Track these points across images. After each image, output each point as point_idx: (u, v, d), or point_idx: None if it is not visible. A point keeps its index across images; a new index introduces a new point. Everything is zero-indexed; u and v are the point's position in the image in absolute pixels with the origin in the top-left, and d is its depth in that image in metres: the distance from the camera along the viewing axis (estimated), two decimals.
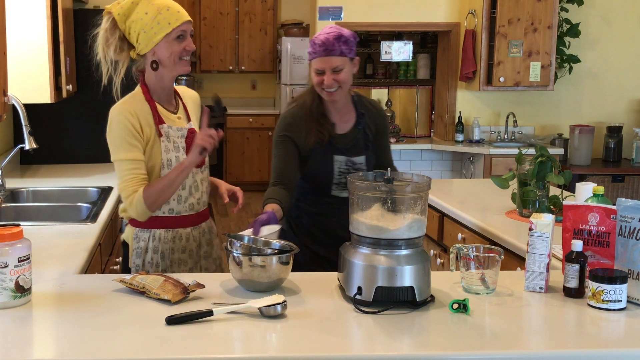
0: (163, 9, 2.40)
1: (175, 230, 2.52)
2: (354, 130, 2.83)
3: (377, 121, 2.90)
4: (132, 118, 2.40)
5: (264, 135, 9.05)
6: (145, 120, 2.43)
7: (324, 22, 5.97)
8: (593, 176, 5.70)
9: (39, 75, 4.00)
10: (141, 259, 2.51)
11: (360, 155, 2.80)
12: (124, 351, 1.74)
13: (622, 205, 2.12)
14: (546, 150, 3.19)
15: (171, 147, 2.46)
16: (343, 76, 2.69)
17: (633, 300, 2.08)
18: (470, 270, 2.17)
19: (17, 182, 4.05)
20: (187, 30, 2.44)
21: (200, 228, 2.59)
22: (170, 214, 2.50)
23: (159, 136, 2.44)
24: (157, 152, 2.44)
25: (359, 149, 2.81)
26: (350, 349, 1.82)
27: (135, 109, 2.43)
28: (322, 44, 2.65)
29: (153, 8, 2.40)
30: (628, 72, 6.33)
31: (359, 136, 2.82)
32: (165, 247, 2.51)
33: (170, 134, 2.47)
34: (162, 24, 2.39)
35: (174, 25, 2.40)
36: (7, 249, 1.95)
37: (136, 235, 2.51)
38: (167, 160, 2.45)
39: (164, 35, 2.40)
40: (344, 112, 2.83)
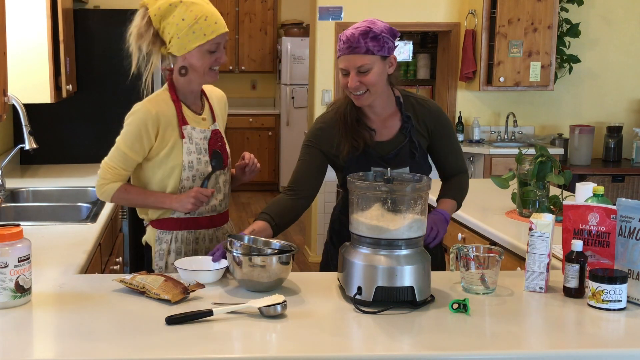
0: (201, 18, 2.34)
1: (198, 231, 2.52)
2: (398, 136, 2.50)
3: (431, 123, 2.54)
4: (151, 121, 2.38)
5: (264, 135, 9.05)
6: (167, 122, 2.41)
7: (324, 22, 5.98)
8: (593, 176, 5.70)
9: (39, 75, 4.00)
10: (164, 261, 2.51)
11: (403, 167, 2.45)
12: (124, 351, 1.74)
13: (622, 205, 2.12)
14: (546, 150, 3.20)
15: (193, 149, 2.44)
16: (371, 77, 2.36)
17: (633, 300, 2.08)
18: (470, 270, 2.17)
19: (17, 182, 4.05)
20: (221, 43, 2.40)
21: (223, 229, 2.59)
22: (192, 215, 2.49)
23: (182, 137, 2.42)
24: (178, 154, 2.42)
25: (403, 159, 2.47)
26: (350, 349, 1.82)
27: (159, 110, 2.40)
28: (347, 41, 2.36)
29: (191, 15, 2.33)
30: (628, 72, 6.33)
31: (404, 143, 2.49)
32: (188, 249, 2.51)
33: (193, 136, 2.45)
34: (197, 33, 2.34)
35: (209, 37, 2.36)
36: (7, 249, 1.95)
37: (158, 237, 2.51)
38: (188, 162, 2.43)
39: (197, 45, 2.35)
40: (386, 117, 2.51)
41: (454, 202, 2.59)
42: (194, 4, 2.35)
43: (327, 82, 6.07)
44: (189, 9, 2.34)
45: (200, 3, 2.37)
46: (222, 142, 2.56)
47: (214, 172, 2.48)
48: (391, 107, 2.52)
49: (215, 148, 2.51)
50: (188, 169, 2.44)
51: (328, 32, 6.00)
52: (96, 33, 4.84)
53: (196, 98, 2.52)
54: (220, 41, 2.39)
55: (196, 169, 2.45)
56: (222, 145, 2.55)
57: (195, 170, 2.46)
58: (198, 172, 2.46)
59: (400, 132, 2.50)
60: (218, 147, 2.53)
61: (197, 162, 2.45)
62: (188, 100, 2.49)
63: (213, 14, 2.37)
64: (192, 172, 2.45)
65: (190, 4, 2.34)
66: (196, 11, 2.34)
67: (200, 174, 2.46)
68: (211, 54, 2.39)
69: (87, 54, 4.82)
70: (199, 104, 2.53)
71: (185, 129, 2.43)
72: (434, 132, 2.55)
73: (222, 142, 2.55)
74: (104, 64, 4.84)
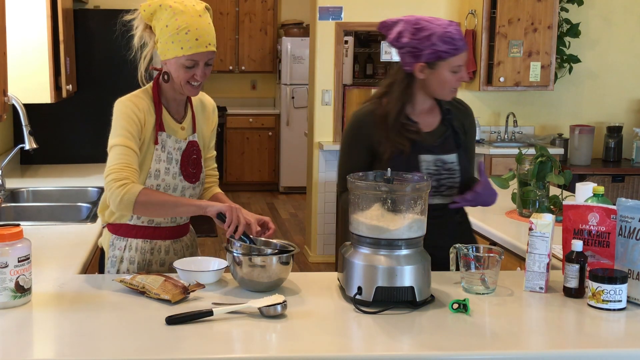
0: (182, 30, 2.22)
1: (154, 241, 2.40)
2: (439, 128, 2.50)
3: (466, 121, 2.58)
4: (137, 111, 2.29)
5: (264, 135, 9.05)
6: (148, 121, 2.32)
7: (324, 22, 5.97)
8: (593, 176, 5.69)
9: (39, 75, 4.00)
10: (116, 268, 2.40)
11: (451, 154, 2.47)
12: (124, 351, 1.74)
13: (622, 205, 2.12)
14: (546, 150, 3.19)
15: (164, 157, 2.33)
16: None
17: (633, 300, 2.08)
18: (470, 270, 2.17)
19: (17, 182, 4.05)
20: (200, 60, 2.25)
21: (182, 242, 2.48)
22: (150, 224, 2.38)
23: (155, 143, 2.32)
24: (148, 159, 2.32)
25: (450, 147, 2.48)
26: (350, 349, 1.82)
27: (142, 106, 2.31)
28: (462, 38, 2.39)
29: (174, 24, 2.23)
30: (628, 72, 6.33)
31: (447, 133, 2.49)
32: (142, 258, 2.39)
33: (167, 144, 2.34)
34: (175, 44, 2.23)
35: (185, 52, 2.23)
36: (7, 249, 1.95)
37: (112, 243, 2.41)
38: (155, 169, 2.32)
39: (174, 56, 2.25)
40: (426, 109, 2.51)
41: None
42: (183, 13, 2.23)
43: (327, 82, 6.06)
44: (175, 17, 2.23)
45: (189, 13, 2.24)
46: (197, 154, 2.43)
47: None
48: (431, 101, 2.51)
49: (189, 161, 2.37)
50: (154, 177, 2.32)
51: (328, 32, 5.99)
52: (96, 33, 4.84)
53: (179, 105, 2.40)
54: (199, 59, 2.25)
55: (162, 178, 2.33)
56: (197, 158, 2.42)
57: (162, 180, 2.33)
58: (164, 183, 2.34)
59: (442, 124, 2.51)
60: (192, 160, 2.39)
61: (165, 172, 2.34)
62: (170, 106, 2.38)
63: (198, 29, 2.23)
64: (158, 182, 2.33)
65: (179, 12, 2.23)
66: (181, 21, 2.22)
67: (166, 185, 2.34)
68: (187, 69, 2.26)
69: (87, 54, 4.82)
70: (181, 111, 2.41)
71: (160, 135, 2.33)
72: (466, 132, 2.57)
73: (197, 155, 2.42)
74: (104, 64, 4.84)
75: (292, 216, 7.90)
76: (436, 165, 2.44)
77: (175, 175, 2.37)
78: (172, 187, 2.36)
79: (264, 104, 9.56)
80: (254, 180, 9.04)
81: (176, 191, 2.37)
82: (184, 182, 2.39)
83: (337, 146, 5.93)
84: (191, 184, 2.41)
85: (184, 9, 2.24)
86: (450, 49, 2.36)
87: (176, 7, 2.24)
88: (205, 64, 2.28)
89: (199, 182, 2.44)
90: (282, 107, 8.92)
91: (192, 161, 2.41)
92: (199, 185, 2.45)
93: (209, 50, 2.26)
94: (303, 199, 7.93)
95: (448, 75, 2.40)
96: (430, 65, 2.39)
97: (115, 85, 4.83)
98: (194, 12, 2.25)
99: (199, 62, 2.26)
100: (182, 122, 2.41)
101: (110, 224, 2.43)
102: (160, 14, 2.26)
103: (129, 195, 2.17)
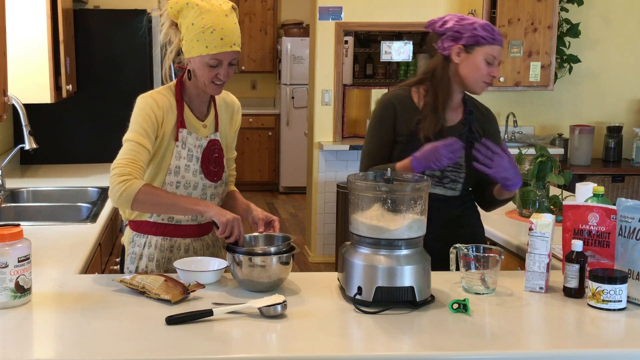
0: (208, 29, 2.23)
1: (174, 239, 2.41)
2: (458, 125, 2.58)
3: (485, 126, 2.65)
4: (156, 108, 2.30)
5: (264, 135, 9.05)
6: (168, 118, 2.33)
7: (324, 22, 5.97)
8: (593, 176, 5.69)
9: (39, 75, 4.00)
10: (134, 265, 2.42)
11: None
12: (124, 351, 1.74)
13: (622, 205, 2.12)
14: (546, 150, 3.20)
15: (184, 154, 2.35)
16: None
17: (633, 300, 2.08)
18: (470, 270, 2.17)
19: (17, 182, 4.05)
20: (224, 60, 2.26)
21: (203, 241, 2.48)
22: (170, 222, 2.39)
23: (175, 140, 2.34)
24: (168, 155, 2.34)
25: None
26: (350, 349, 1.82)
27: (163, 103, 2.33)
28: (498, 33, 2.50)
29: (200, 22, 2.24)
30: (628, 72, 6.33)
31: (464, 130, 2.57)
32: (161, 256, 2.40)
33: (187, 141, 2.36)
34: (200, 43, 2.24)
35: (210, 52, 2.24)
36: (7, 249, 1.95)
37: (132, 239, 2.43)
38: (175, 166, 2.34)
39: (199, 54, 2.26)
40: (453, 106, 2.59)
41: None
42: (209, 12, 2.24)
43: (327, 82, 6.06)
44: (201, 15, 2.24)
45: (216, 13, 2.25)
46: (219, 153, 2.45)
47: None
48: (459, 99, 2.61)
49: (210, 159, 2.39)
50: (174, 174, 2.34)
51: (328, 32, 5.99)
52: (96, 33, 4.84)
53: (202, 103, 2.41)
54: (223, 58, 2.26)
55: (182, 175, 2.35)
56: (218, 157, 2.44)
57: (182, 177, 2.35)
58: (184, 180, 2.36)
59: (461, 122, 2.59)
60: (214, 159, 2.40)
61: (185, 168, 2.35)
62: (193, 103, 2.40)
63: (223, 28, 2.24)
64: (178, 178, 2.35)
65: (205, 11, 2.25)
66: (207, 20, 2.23)
67: (186, 183, 2.36)
68: (211, 68, 2.27)
69: (87, 54, 4.82)
70: (204, 110, 2.43)
71: (181, 132, 2.35)
72: (486, 136, 2.59)
73: (218, 154, 2.44)
74: (104, 64, 4.83)
75: (292, 216, 7.90)
76: None
77: (196, 172, 2.38)
78: (192, 184, 2.38)
79: (264, 104, 9.56)
80: (254, 180, 9.04)
81: (197, 189, 2.39)
82: (205, 180, 2.39)
83: (337, 146, 5.96)
84: (213, 183, 2.41)
85: (210, 7, 2.25)
86: (488, 37, 2.48)
87: (203, 6, 2.25)
88: (229, 63, 2.29)
89: (221, 181, 2.44)
90: (282, 107, 8.93)
91: (214, 159, 2.42)
92: (221, 185, 2.45)
93: (233, 50, 2.27)
94: (303, 199, 7.93)
95: (482, 63, 2.48)
96: (467, 48, 2.50)
97: (115, 85, 4.83)
98: (220, 11, 2.26)
99: (222, 62, 2.27)
100: (204, 120, 2.42)
101: (131, 221, 2.45)
102: (186, 12, 2.27)
103: (128, 191, 2.18)
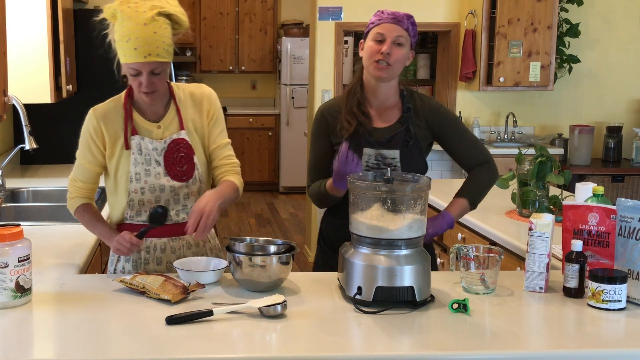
0: (124, 37, 2.19)
1: (149, 239, 2.38)
2: (395, 125, 2.52)
3: (431, 117, 2.55)
4: (93, 130, 2.35)
5: (264, 135, 9.05)
6: (113, 130, 2.33)
7: (324, 22, 5.97)
8: (593, 176, 5.69)
9: (39, 75, 4.00)
10: (113, 267, 2.43)
11: (393, 149, 2.49)
12: (124, 351, 1.74)
13: (622, 205, 2.12)
14: (546, 150, 3.20)
15: (141, 160, 2.32)
16: (401, 53, 2.44)
17: (633, 300, 2.08)
18: (470, 270, 2.17)
19: (17, 182, 4.05)
20: (142, 70, 2.20)
21: (182, 240, 2.42)
22: (140, 222, 2.36)
23: (126, 148, 2.32)
24: (125, 163, 2.32)
25: (395, 144, 2.50)
26: (350, 349, 1.82)
27: (106, 116, 2.35)
28: (392, 14, 2.46)
29: (120, 30, 2.20)
30: (628, 72, 6.33)
31: (399, 131, 2.51)
32: (137, 257, 2.39)
33: (142, 146, 2.32)
34: (121, 51, 2.23)
35: (127, 61, 2.21)
36: (7, 249, 1.95)
37: None
38: (135, 173, 2.32)
39: (122, 63, 2.24)
40: (387, 107, 2.55)
41: (464, 203, 2.57)
42: (129, 19, 2.18)
43: (327, 82, 6.06)
44: (122, 23, 2.19)
45: (135, 21, 2.18)
46: (185, 151, 2.36)
47: (149, 229, 2.28)
48: (394, 98, 2.56)
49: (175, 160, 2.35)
50: (135, 181, 2.33)
51: (328, 32, 5.99)
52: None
53: (156, 105, 2.35)
54: (140, 68, 2.19)
55: (144, 181, 2.33)
56: (185, 156, 2.36)
57: (144, 182, 2.33)
58: (148, 185, 2.33)
59: (398, 122, 2.53)
60: (179, 159, 2.35)
61: (146, 173, 2.32)
62: (143, 107, 2.36)
63: (138, 38, 2.16)
64: (141, 184, 2.33)
65: (126, 18, 2.19)
66: (125, 28, 2.18)
67: (151, 187, 2.33)
68: (133, 76, 2.23)
69: (87, 54, 4.82)
70: (159, 111, 2.37)
71: (133, 139, 2.32)
72: (437, 127, 2.56)
73: (185, 152, 2.36)
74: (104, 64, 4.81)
75: (292, 216, 7.90)
76: (376, 160, 2.49)
77: (159, 176, 2.34)
78: (158, 188, 2.35)
79: (264, 104, 9.56)
80: (254, 180, 9.04)
81: (164, 191, 2.35)
82: (173, 182, 2.35)
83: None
84: (182, 183, 2.36)
85: (132, 14, 2.18)
86: (376, 20, 2.50)
87: (126, 12, 2.19)
88: (152, 72, 2.21)
89: (192, 179, 2.37)
90: (282, 107, 8.92)
91: (179, 159, 2.35)
92: (195, 183, 2.38)
93: (148, 61, 2.18)
94: (303, 199, 7.93)
95: (371, 44, 2.46)
96: (364, 38, 2.53)
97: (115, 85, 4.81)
98: (140, 19, 2.17)
99: (142, 72, 2.21)
100: (159, 121, 2.36)
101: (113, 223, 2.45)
102: (117, 17, 2.22)
103: (70, 209, 2.44)
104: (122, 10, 2.19)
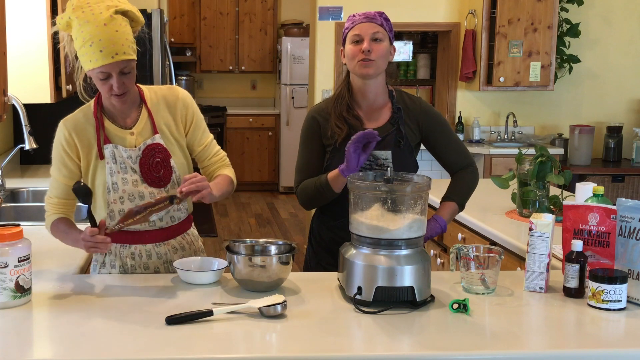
0: (87, 42, 2.11)
1: (133, 246, 2.35)
2: (386, 125, 2.53)
3: (421, 117, 2.57)
4: (69, 137, 2.29)
5: (264, 135, 9.05)
6: (85, 141, 2.28)
7: (324, 22, 5.98)
8: (593, 176, 5.70)
9: (39, 75, 4.00)
10: (97, 272, 2.40)
11: (386, 150, 2.49)
12: (124, 351, 1.74)
13: (622, 205, 2.12)
14: (546, 150, 3.19)
15: (117, 169, 2.27)
16: (382, 48, 2.44)
17: (633, 300, 2.08)
18: (470, 270, 2.17)
19: (17, 182, 4.05)
20: (111, 72, 2.14)
21: (168, 245, 2.38)
22: (128, 229, 2.26)
23: (100, 158, 2.27)
24: (101, 174, 2.28)
25: (387, 144, 2.50)
26: (350, 349, 1.82)
27: (77, 126, 2.30)
28: (364, 14, 2.49)
29: (80, 36, 2.12)
30: (628, 72, 6.33)
31: (390, 131, 2.52)
32: (124, 263, 2.36)
33: (116, 155, 2.27)
34: (84, 57, 2.14)
35: (94, 65, 2.12)
36: (7, 249, 1.95)
37: None
38: (112, 183, 2.27)
39: (88, 69, 2.16)
40: (377, 107, 2.55)
41: (454, 206, 2.61)
42: (88, 23, 2.11)
43: (327, 82, 6.07)
44: (81, 28, 2.12)
45: (94, 23, 2.11)
46: (161, 156, 2.30)
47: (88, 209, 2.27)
48: (384, 98, 2.56)
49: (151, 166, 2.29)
50: (113, 191, 2.28)
51: (328, 32, 5.99)
52: None
53: (127, 111, 2.30)
54: (109, 70, 2.13)
55: (122, 189, 2.28)
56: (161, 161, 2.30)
57: (122, 191, 2.28)
58: (126, 194, 2.28)
59: (389, 122, 2.54)
60: (155, 165, 2.29)
61: (123, 182, 2.28)
62: (114, 114, 2.31)
63: (101, 40, 2.10)
64: (119, 194, 2.28)
65: (84, 22, 2.11)
66: (86, 33, 2.11)
67: (130, 195, 2.28)
68: (102, 81, 2.16)
69: None
70: (132, 116, 2.31)
71: (106, 148, 2.26)
72: (426, 127, 2.58)
73: (161, 157, 2.30)
74: None
75: (292, 216, 7.90)
76: (369, 160, 2.49)
77: (137, 183, 2.29)
78: (137, 195, 2.30)
79: (264, 104, 9.56)
80: (254, 180, 9.05)
81: (144, 198, 2.29)
82: (151, 188, 2.30)
83: None
84: (160, 188, 2.31)
85: (89, 18, 2.12)
86: (349, 24, 2.51)
87: (82, 17, 2.12)
88: (121, 72, 2.16)
89: (171, 183, 2.32)
90: (282, 107, 8.93)
91: (155, 165, 2.30)
92: (173, 187, 2.32)
93: (116, 61, 2.12)
94: None
95: (350, 47, 2.48)
96: (344, 45, 2.53)
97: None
98: (99, 20, 2.11)
99: (111, 73, 2.15)
100: (131, 127, 2.31)
101: None
102: (73, 24, 2.15)
103: (47, 228, 2.39)
104: (78, 16, 2.13)
